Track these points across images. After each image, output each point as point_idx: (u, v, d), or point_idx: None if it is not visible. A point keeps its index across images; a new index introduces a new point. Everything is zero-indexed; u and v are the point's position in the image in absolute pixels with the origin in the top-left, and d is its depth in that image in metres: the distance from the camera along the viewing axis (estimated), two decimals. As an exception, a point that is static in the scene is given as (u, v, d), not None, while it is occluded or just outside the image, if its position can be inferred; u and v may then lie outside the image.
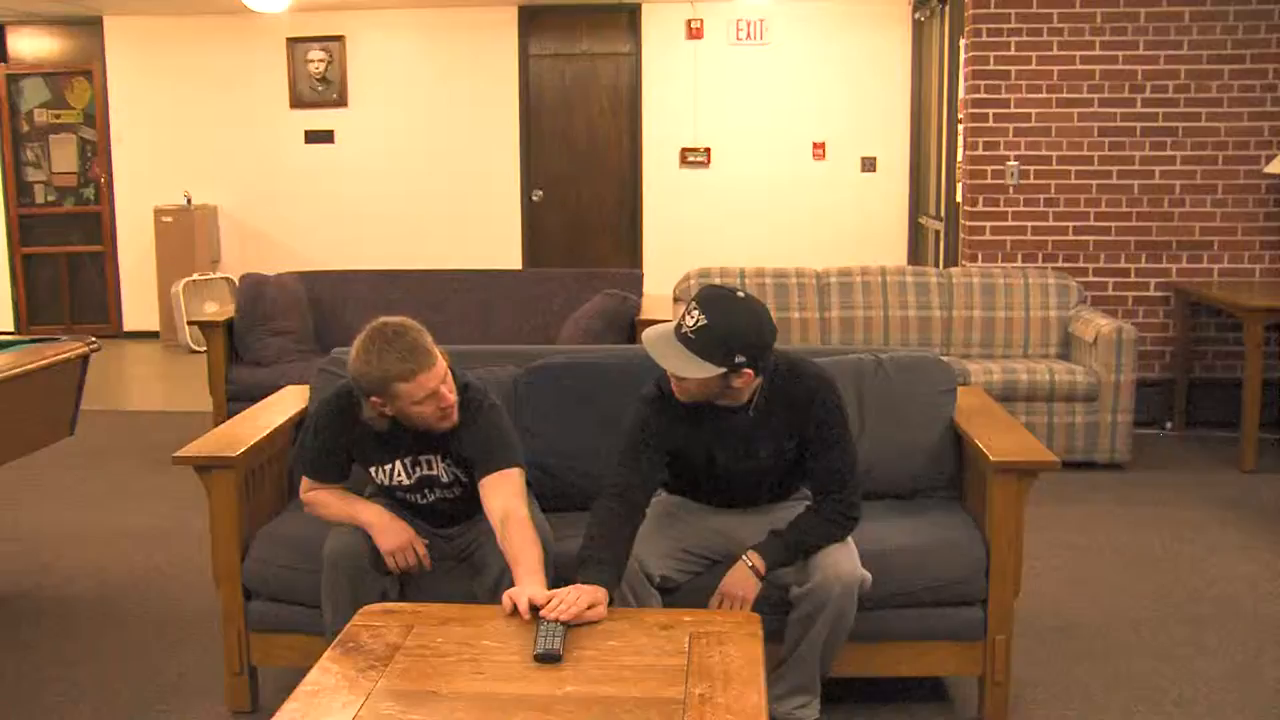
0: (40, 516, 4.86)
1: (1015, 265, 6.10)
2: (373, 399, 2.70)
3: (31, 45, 9.49)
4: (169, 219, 9.03)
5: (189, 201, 9.12)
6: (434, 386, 2.66)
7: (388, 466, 2.87)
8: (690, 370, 2.57)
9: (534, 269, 8.57)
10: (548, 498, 3.33)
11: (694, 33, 8.80)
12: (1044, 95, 6.05)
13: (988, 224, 6.15)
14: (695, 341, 2.56)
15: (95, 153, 9.45)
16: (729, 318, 2.57)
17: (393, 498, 2.94)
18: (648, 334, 2.66)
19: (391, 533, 2.78)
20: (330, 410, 2.87)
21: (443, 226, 9.10)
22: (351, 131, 9.07)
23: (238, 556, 3.00)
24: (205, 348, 5.83)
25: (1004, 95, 6.07)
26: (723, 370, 2.57)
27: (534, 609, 2.27)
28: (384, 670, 2.05)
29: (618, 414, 3.34)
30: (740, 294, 2.64)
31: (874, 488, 3.22)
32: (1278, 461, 5.50)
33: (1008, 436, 3.09)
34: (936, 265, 7.56)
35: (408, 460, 2.86)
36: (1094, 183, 6.09)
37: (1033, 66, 6.04)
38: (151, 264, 9.17)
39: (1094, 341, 5.34)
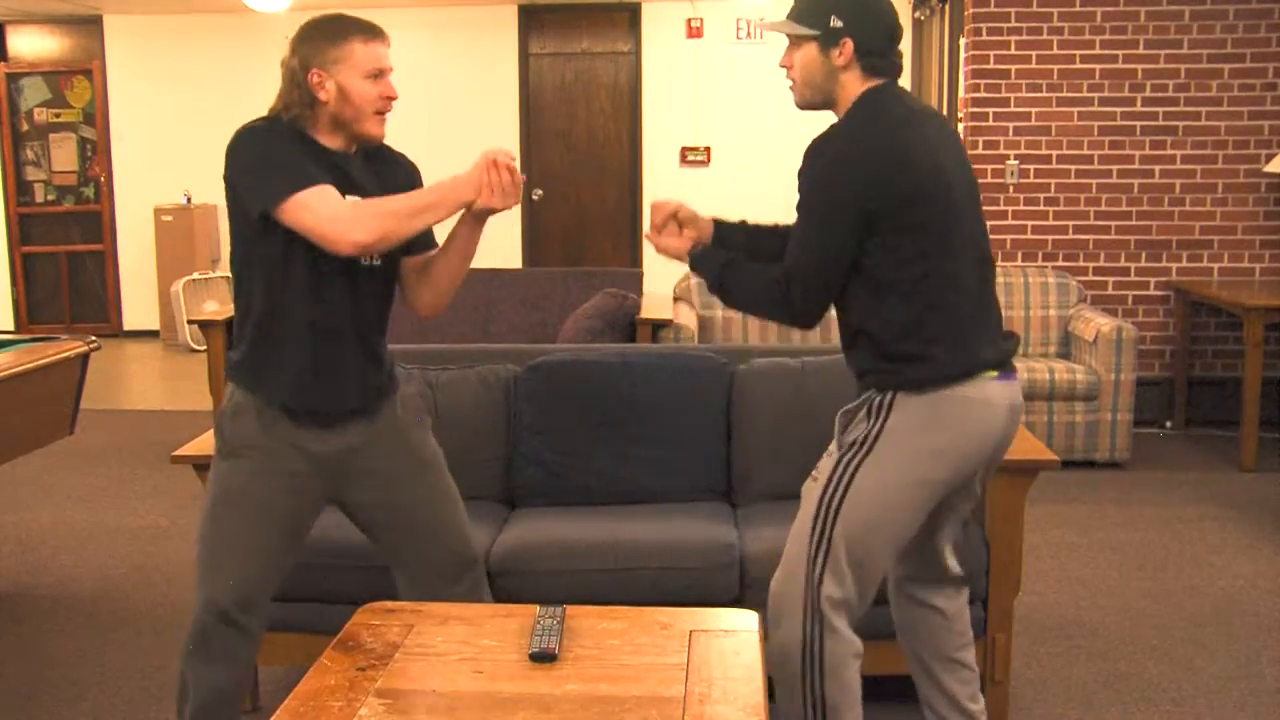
0: (40, 516, 4.86)
1: (1015, 264, 6.10)
2: (313, 72, 2.34)
3: (31, 44, 9.49)
4: (169, 218, 9.03)
5: (189, 200, 9.12)
6: (388, 65, 2.39)
7: None
8: (782, 28, 2.40)
9: (534, 268, 8.56)
10: (547, 495, 3.34)
11: (694, 31, 8.80)
12: (1044, 94, 6.05)
13: (988, 223, 6.14)
14: (793, 7, 2.42)
15: (95, 152, 9.45)
16: None
17: (312, 282, 2.37)
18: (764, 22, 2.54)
19: (475, 172, 2.37)
20: (264, 132, 2.40)
21: (442, 225, 9.09)
22: (351, 130, 9.06)
23: (237, 556, 2.99)
24: (205, 347, 5.83)
25: (1004, 94, 6.07)
26: (816, 33, 2.33)
27: None
28: (384, 669, 2.05)
29: (617, 413, 3.36)
30: None
31: (874, 487, 3.22)
32: (1278, 461, 5.50)
33: (1008, 436, 3.09)
34: (936, 264, 7.55)
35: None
36: (1094, 181, 6.09)
37: (1033, 65, 6.04)
38: (151, 263, 9.17)
39: (1094, 340, 5.34)
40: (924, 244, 2.27)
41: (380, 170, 2.52)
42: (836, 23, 2.32)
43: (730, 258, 2.49)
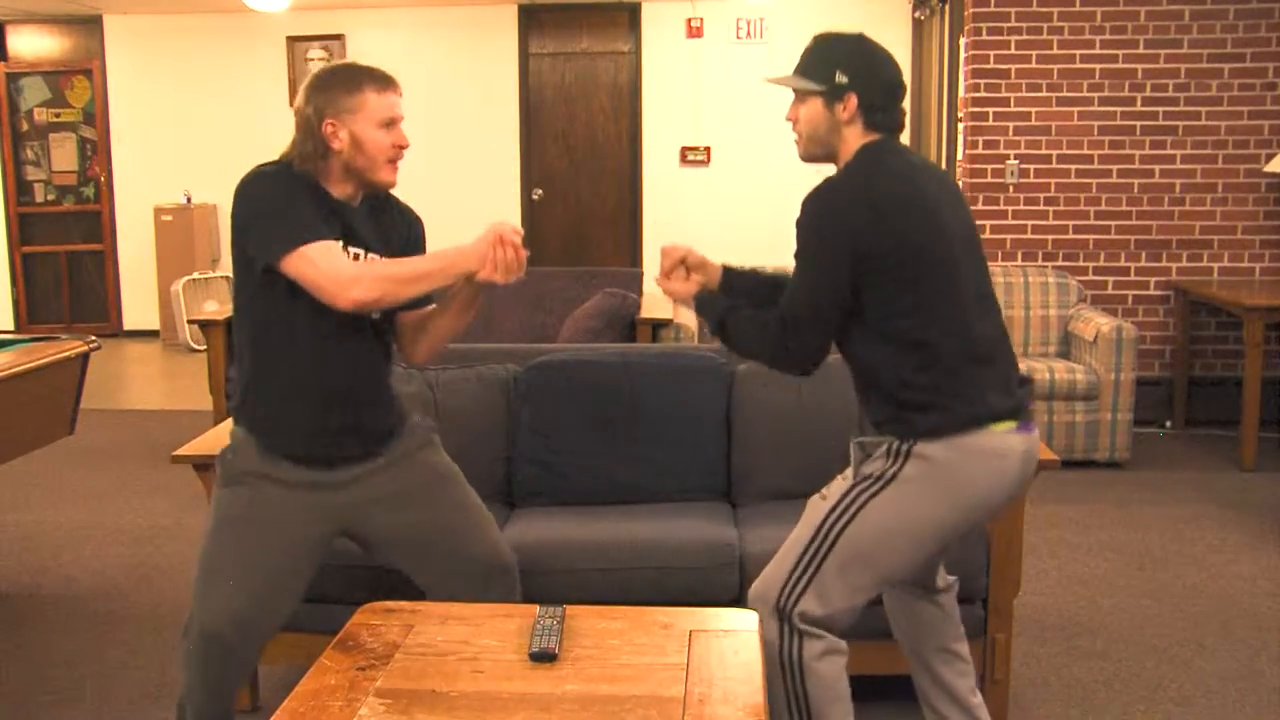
0: (40, 516, 4.86)
1: (1015, 264, 6.10)
2: (327, 122, 2.35)
3: (31, 44, 9.49)
4: (169, 218, 9.03)
5: (189, 200, 9.12)
6: (400, 114, 2.42)
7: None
8: (788, 82, 2.42)
9: (534, 268, 8.55)
10: (547, 494, 3.34)
11: (694, 31, 8.80)
12: (1044, 94, 6.05)
13: (988, 223, 6.15)
14: (800, 62, 2.44)
15: (95, 151, 9.45)
16: (835, 37, 2.43)
17: (316, 329, 2.39)
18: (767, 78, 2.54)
19: (481, 245, 2.38)
20: (274, 179, 2.39)
21: (442, 225, 9.03)
22: (351, 130, 9.07)
23: (237, 556, 2.99)
24: (205, 346, 5.83)
25: (1004, 94, 6.07)
26: (822, 88, 2.36)
27: None
28: (384, 669, 2.05)
29: (617, 413, 3.36)
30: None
31: (874, 487, 3.22)
32: (1278, 461, 5.50)
33: (1008, 435, 3.08)
34: (936, 264, 7.55)
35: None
36: (1094, 181, 6.09)
37: (1033, 65, 6.04)
38: (151, 263, 9.17)
39: (1094, 340, 5.34)
40: (923, 296, 2.28)
41: (382, 221, 2.54)
42: (841, 78, 2.35)
43: (733, 303, 2.51)
